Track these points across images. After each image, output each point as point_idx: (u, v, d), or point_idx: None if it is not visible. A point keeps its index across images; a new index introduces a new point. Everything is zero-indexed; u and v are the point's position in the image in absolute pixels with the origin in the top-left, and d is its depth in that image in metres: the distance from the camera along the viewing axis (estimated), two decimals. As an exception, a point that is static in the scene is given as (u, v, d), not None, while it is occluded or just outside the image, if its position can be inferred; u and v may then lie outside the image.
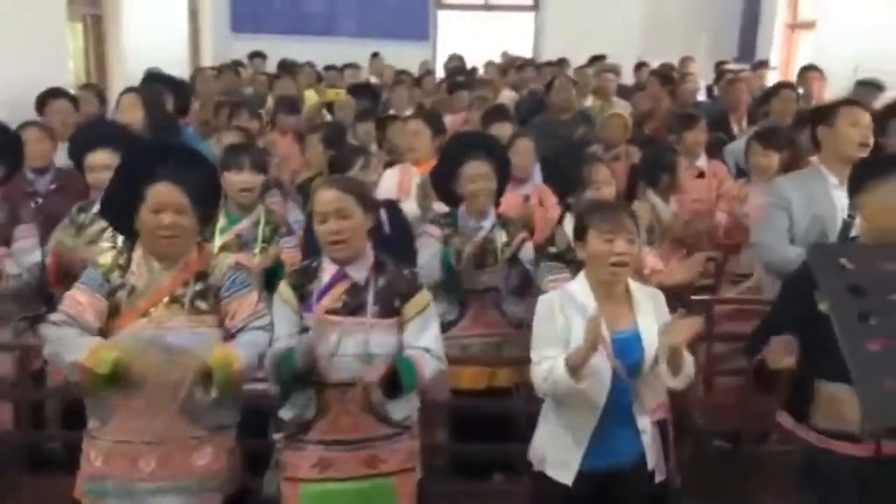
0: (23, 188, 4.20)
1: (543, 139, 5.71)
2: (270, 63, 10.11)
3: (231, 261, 2.76)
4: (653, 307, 2.69)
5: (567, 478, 2.63)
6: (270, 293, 3.46)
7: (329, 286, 2.65)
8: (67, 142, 4.00)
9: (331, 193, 2.64)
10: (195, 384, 2.44)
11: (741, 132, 6.41)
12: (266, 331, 2.65)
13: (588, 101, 7.31)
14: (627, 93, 7.69)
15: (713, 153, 5.48)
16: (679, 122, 5.10)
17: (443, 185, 3.78)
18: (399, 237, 3.82)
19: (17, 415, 3.54)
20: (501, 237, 3.63)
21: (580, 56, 9.62)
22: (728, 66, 9.55)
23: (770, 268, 3.67)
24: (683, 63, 9.54)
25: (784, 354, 2.52)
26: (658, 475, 2.69)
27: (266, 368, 2.63)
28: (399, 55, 10.76)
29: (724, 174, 5.02)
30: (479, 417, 3.52)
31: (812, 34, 10.06)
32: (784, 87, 6.26)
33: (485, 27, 12.28)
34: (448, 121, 6.10)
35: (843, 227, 3.16)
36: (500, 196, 3.80)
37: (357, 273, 2.66)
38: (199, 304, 2.61)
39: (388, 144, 5.40)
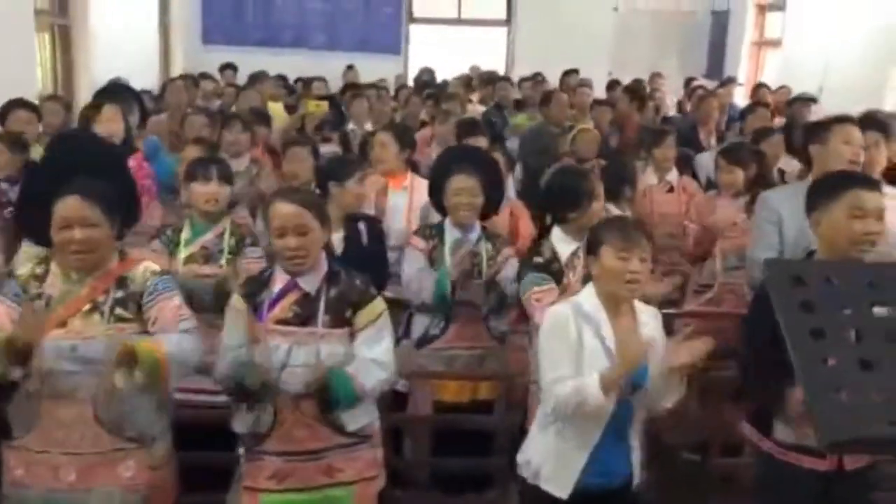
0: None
1: (530, 153, 5.73)
2: (241, 75, 10.06)
3: (154, 266, 2.69)
4: (654, 325, 2.69)
5: (563, 492, 2.60)
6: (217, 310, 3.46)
7: (279, 296, 2.63)
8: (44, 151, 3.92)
9: (290, 208, 2.60)
10: (118, 366, 2.36)
11: (710, 146, 6.53)
12: (192, 334, 2.59)
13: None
14: (594, 108, 7.75)
15: (683, 168, 5.55)
16: (648, 138, 5.15)
17: (435, 199, 3.81)
18: (375, 251, 3.83)
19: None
20: (487, 250, 3.65)
21: (552, 70, 9.68)
22: (698, 83, 9.68)
23: (753, 282, 3.69)
24: (653, 79, 9.65)
25: None
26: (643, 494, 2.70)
27: (217, 379, 2.62)
28: (371, 68, 10.77)
29: (694, 189, 5.07)
30: (460, 432, 3.52)
31: (779, 52, 10.25)
32: (758, 106, 6.40)
33: (457, 41, 12.33)
34: (418, 135, 6.10)
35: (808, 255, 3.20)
36: (494, 210, 3.82)
37: (308, 284, 2.64)
38: (121, 312, 2.55)
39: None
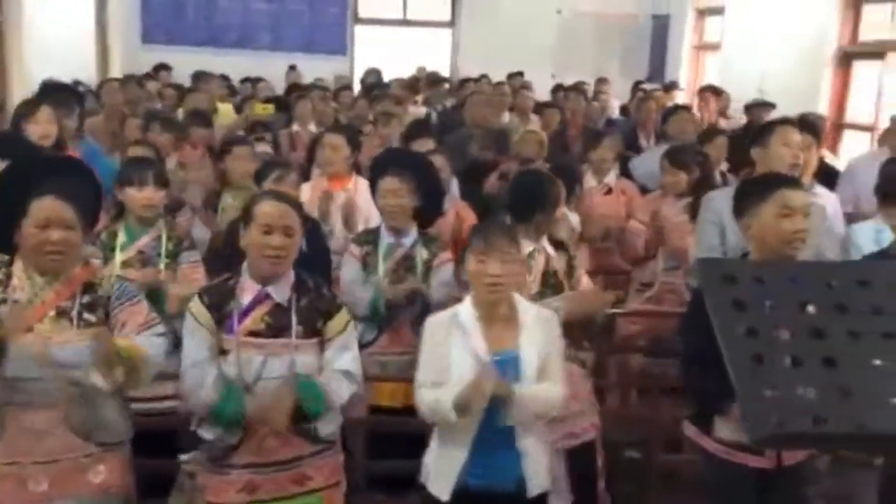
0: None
1: (459, 156, 5.76)
2: (182, 75, 9.91)
3: (118, 272, 2.70)
4: (541, 330, 2.68)
5: (444, 494, 2.63)
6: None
7: (250, 307, 2.58)
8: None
9: (281, 207, 2.59)
10: (99, 365, 2.35)
11: (649, 148, 6.65)
12: (163, 338, 2.58)
13: (505, 118, 7.40)
14: (541, 110, 7.83)
15: (625, 170, 5.64)
16: (586, 140, 5.21)
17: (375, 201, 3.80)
18: (318, 257, 3.79)
19: None
20: (422, 255, 3.62)
21: (496, 72, 9.74)
22: (644, 86, 9.84)
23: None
24: (598, 83, 9.79)
25: None
26: (558, 501, 2.71)
27: (185, 395, 2.58)
28: (316, 69, 10.71)
29: (632, 191, 5.15)
30: (394, 436, 3.50)
31: (718, 56, 10.45)
32: (680, 109, 6.57)
33: (402, 42, 12.31)
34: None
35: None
36: (432, 214, 3.81)
37: (279, 293, 2.60)
38: (88, 317, 2.51)
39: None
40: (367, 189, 3.99)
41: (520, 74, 9.81)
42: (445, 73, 11.21)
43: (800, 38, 8.35)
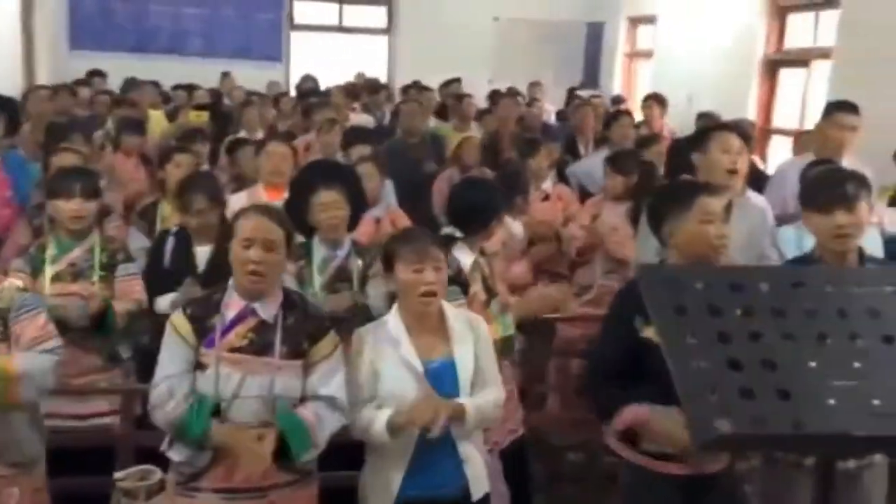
0: None
1: (396, 163, 5.75)
2: (112, 82, 9.69)
3: (18, 283, 2.60)
4: (471, 335, 2.67)
5: None
6: (102, 334, 3.32)
7: (234, 322, 2.49)
8: None
9: (262, 221, 2.50)
10: None
11: (587, 154, 6.74)
12: (53, 354, 2.49)
13: (431, 123, 7.41)
14: (481, 116, 7.86)
15: (563, 176, 5.70)
16: (524, 147, 5.24)
17: (296, 215, 3.71)
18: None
19: None
20: (357, 265, 3.58)
21: (433, 79, 9.76)
22: (579, 93, 9.97)
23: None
24: (532, 88, 9.86)
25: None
26: (498, 501, 2.71)
27: (152, 411, 2.49)
28: (251, 76, 10.57)
29: (569, 197, 5.20)
30: (338, 447, 3.47)
31: (650, 63, 10.67)
32: (623, 115, 6.64)
33: (339, 49, 12.25)
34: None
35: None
36: (356, 223, 3.77)
37: (266, 311, 2.51)
38: None
39: (238, 168, 5.25)
40: None
41: (457, 81, 9.84)
42: (382, 80, 11.20)
43: (728, 47, 8.58)
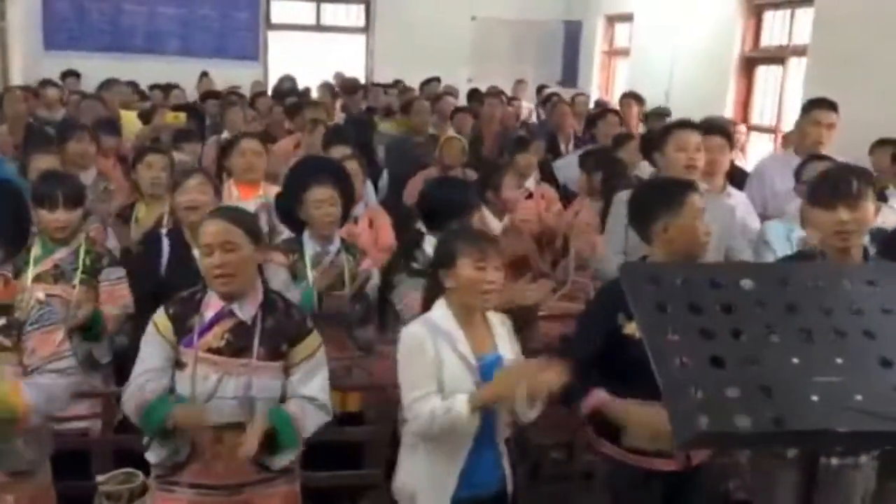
0: None
1: (394, 160, 5.75)
2: (88, 82, 9.59)
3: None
4: (506, 332, 2.72)
5: None
6: (89, 340, 3.29)
7: (212, 323, 2.50)
8: None
9: (218, 224, 2.50)
10: None
11: (568, 152, 6.76)
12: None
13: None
14: (454, 115, 7.86)
15: (545, 174, 5.72)
16: (512, 145, 5.26)
17: (287, 211, 3.72)
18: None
19: None
20: (348, 262, 3.61)
21: (412, 77, 9.75)
22: (549, 90, 9.96)
23: (605, 277, 3.82)
24: (516, 87, 9.87)
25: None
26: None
27: (124, 402, 2.48)
28: (228, 75, 10.52)
29: (552, 196, 5.21)
30: (329, 445, 3.47)
31: (627, 61, 10.71)
32: (608, 113, 6.66)
33: (316, 48, 12.20)
34: (278, 145, 6.00)
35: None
36: (345, 220, 3.79)
37: (244, 311, 2.52)
38: (2, 340, 2.41)
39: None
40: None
41: (436, 80, 9.83)
42: (360, 79, 11.17)
43: (705, 44, 8.63)
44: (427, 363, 2.54)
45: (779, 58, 7.92)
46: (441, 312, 2.65)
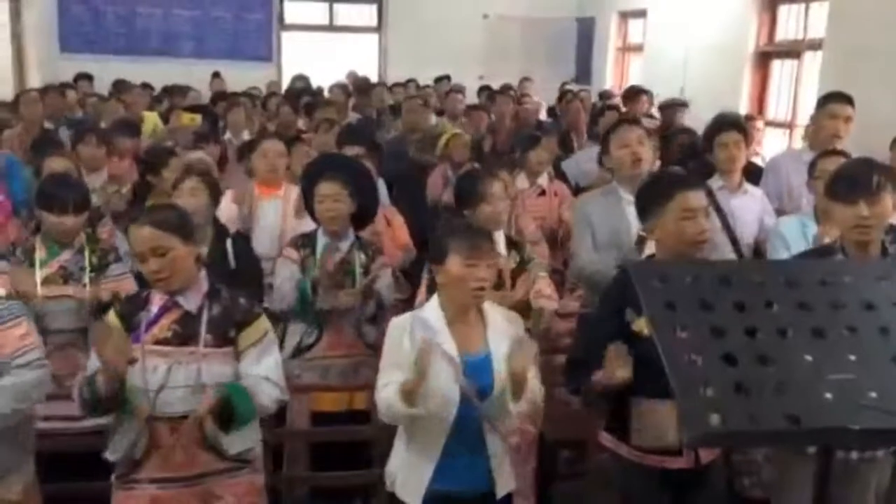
0: None
1: (394, 159, 5.76)
2: (103, 85, 9.64)
3: (1, 292, 2.59)
4: (508, 331, 2.68)
5: (415, 499, 2.61)
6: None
7: (158, 316, 2.56)
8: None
9: (145, 231, 2.53)
10: None
11: (580, 148, 6.74)
12: (33, 367, 2.50)
13: (432, 121, 7.41)
14: (469, 113, 7.85)
15: (558, 172, 5.70)
16: (523, 142, 5.24)
17: (308, 206, 3.78)
18: (247, 271, 3.77)
19: None
20: (360, 259, 3.62)
21: (424, 76, 9.74)
22: (569, 87, 9.95)
23: (579, 275, 3.82)
24: (522, 84, 9.85)
25: (617, 367, 2.46)
26: (521, 500, 2.71)
27: (73, 395, 2.51)
28: (242, 76, 10.55)
29: (565, 193, 5.19)
30: (338, 444, 3.48)
31: (641, 57, 10.66)
32: (609, 109, 6.64)
33: (329, 48, 12.22)
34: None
35: (638, 240, 3.31)
36: (367, 218, 3.80)
37: (188, 302, 2.57)
38: None
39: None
40: (299, 196, 3.96)
41: (447, 78, 9.82)
42: (373, 78, 11.18)
43: (719, 39, 8.57)
44: (400, 354, 2.57)
45: (794, 52, 7.86)
46: (431, 307, 2.67)
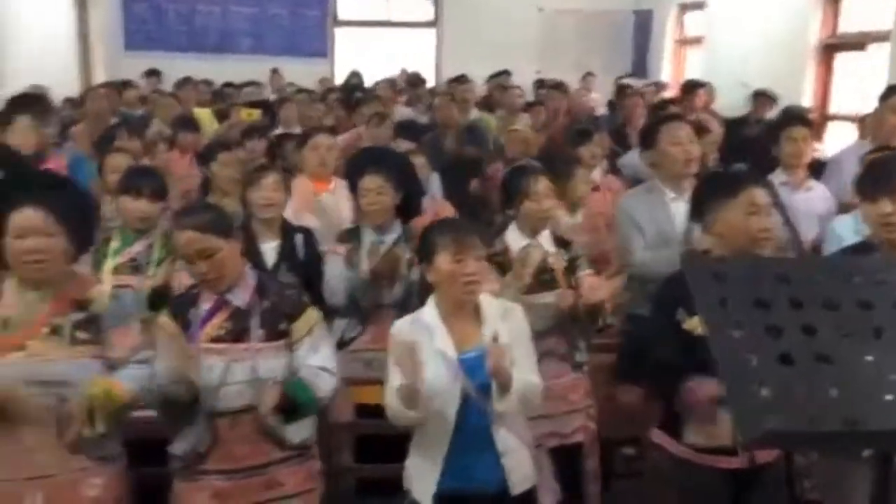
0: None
1: (435, 154, 5.78)
2: (165, 81, 9.88)
3: (108, 289, 2.67)
4: (505, 323, 2.64)
5: (426, 499, 2.60)
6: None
7: (210, 314, 2.59)
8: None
9: (189, 234, 2.56)
10: (81, 423, 2.34)
11: (637, 144, 6.63)
12: (148, 364, 2.54)
13: (474, 114, 7.40)
14: (529, 108, 7.83)
15: (613, 167, 5.64)
16: (574, 137, 5.19)
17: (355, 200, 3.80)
18: (312, 263, 3.79)
19: None
20: (406, 252, 3.61)
21: (480, 71, 9.72)
22: (626, 82, 9.83)
23: (633, 274, 3.71)
24: (584, 80, 9.76)
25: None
26: (548, 499, 2.69)
27: (147, 401, 2.53)
28: (298, 72, 10.68)
29: (620, 188, 5.13)
30: (382, 436, 3.49)
31: (700, 50, 10.48)
32: (667, 104, 6.54)
33: (385, 43, 12.28)
34: (342, 138, 6.07)
35: (686, 238, 3.25)
36: (412, 212, 3.81)
37: (238, 298, 2.61)
38: (81, 335, 2.48)
39: (284, 162, 5.32)
40: (346, 190, 3.99)
41: (506, 73, 9.79)
42: (429, 73, 11.20)
43: (781, 31, 8.38)
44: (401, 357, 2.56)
45: (859, 44, 7.64)
46: (428, 307, 2.66)
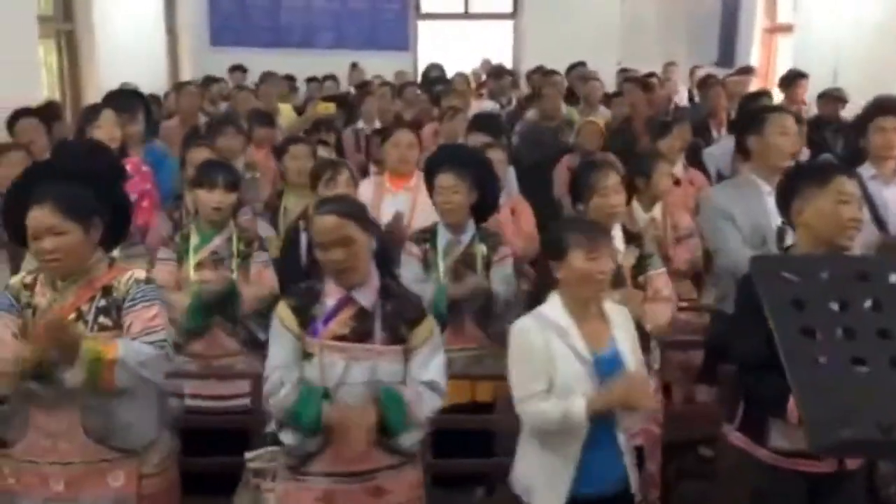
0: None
1: (529, 147, 5.72)
2: (252, 77, 10.08)
3: (140, 274, 2.65)
4: (625, 324, 2.65)
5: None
6: (226, 317, 3.50)
7: (335, 311, 2.55)
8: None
9: (331, 220, 2.52)
10: (63, 362, 2.37)
11: (720, 137, 6.44)
12: (157, 347, 2.50)
13: (563, 109, 7.31)
14: (608, 100, 7.70)
15: (694, 160, 5.48)
16: (654, 130, 5.08)
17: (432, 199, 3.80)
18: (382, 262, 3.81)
19: None
20: (482, 251, 3.60)
21: (560, 63, 9.60)
22: (702, 71, 9.55)
23: (733, 272, 3.61)
24: (667, 69, 9.53)
25: None
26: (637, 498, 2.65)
27: (267, 397, 2.57)
28: (379, 66, 10.75)
29: (702, 182, 5.00)
30: (460, 432, 3.48)
31: (790, 38, 10.11)
32: (762, 95, 6.31)
33: (465, 35, 12.27)
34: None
35: (779, 234, 3.13)
36: (488, 210, 3.77)
37: (364, 298, 2.56)
38: (104, 321, 2.53)
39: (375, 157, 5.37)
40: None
41: (582, 64, 9.64)
42: (508, 65, 11.13)
43: (876, 17, 8.00)
44: (535, 359, 2.51)
45: (961, 29, 7.24)
46: (553, 305, 2.61)
